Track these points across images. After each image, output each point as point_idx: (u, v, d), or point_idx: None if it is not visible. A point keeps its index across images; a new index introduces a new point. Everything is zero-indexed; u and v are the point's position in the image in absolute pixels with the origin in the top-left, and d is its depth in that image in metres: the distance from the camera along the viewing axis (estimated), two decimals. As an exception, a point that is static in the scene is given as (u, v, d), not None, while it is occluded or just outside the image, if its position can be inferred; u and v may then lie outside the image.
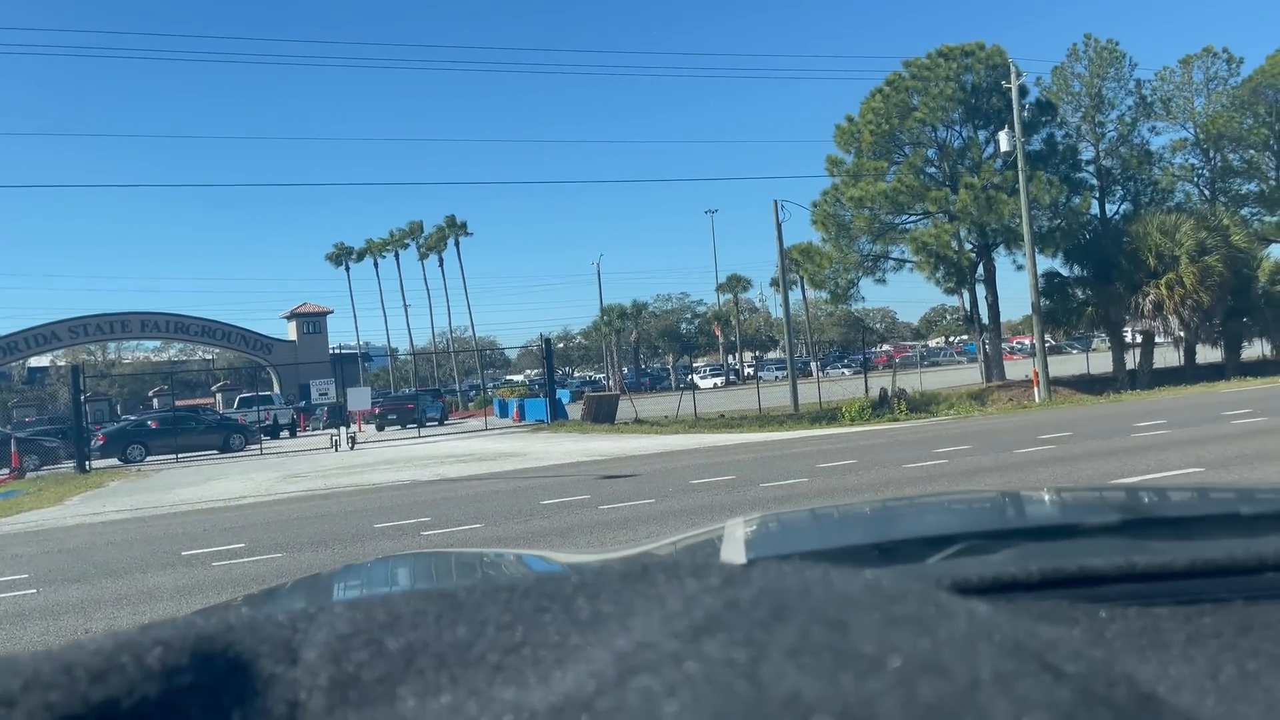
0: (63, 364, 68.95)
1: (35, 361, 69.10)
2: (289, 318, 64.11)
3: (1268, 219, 38.62)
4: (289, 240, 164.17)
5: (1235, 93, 36.42)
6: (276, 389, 54.02)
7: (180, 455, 29.65)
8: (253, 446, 31.58)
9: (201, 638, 0.45)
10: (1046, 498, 1.74)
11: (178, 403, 44.18)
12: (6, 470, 26.68)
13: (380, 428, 38.59)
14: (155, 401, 60.03)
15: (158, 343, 71.08)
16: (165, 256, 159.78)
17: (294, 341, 61.45)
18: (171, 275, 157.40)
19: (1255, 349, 34.26)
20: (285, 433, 41.20)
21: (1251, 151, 37.14)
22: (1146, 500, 1.67)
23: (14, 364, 64.55)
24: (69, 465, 28.28)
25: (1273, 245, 37.88)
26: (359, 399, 33.19)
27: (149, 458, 29.87)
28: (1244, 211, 37.49)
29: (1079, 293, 33.39)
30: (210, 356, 74.20)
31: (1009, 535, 1.15)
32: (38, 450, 30.26)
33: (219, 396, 58.02)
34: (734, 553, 1.25)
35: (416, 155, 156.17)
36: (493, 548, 8.59)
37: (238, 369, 61.68)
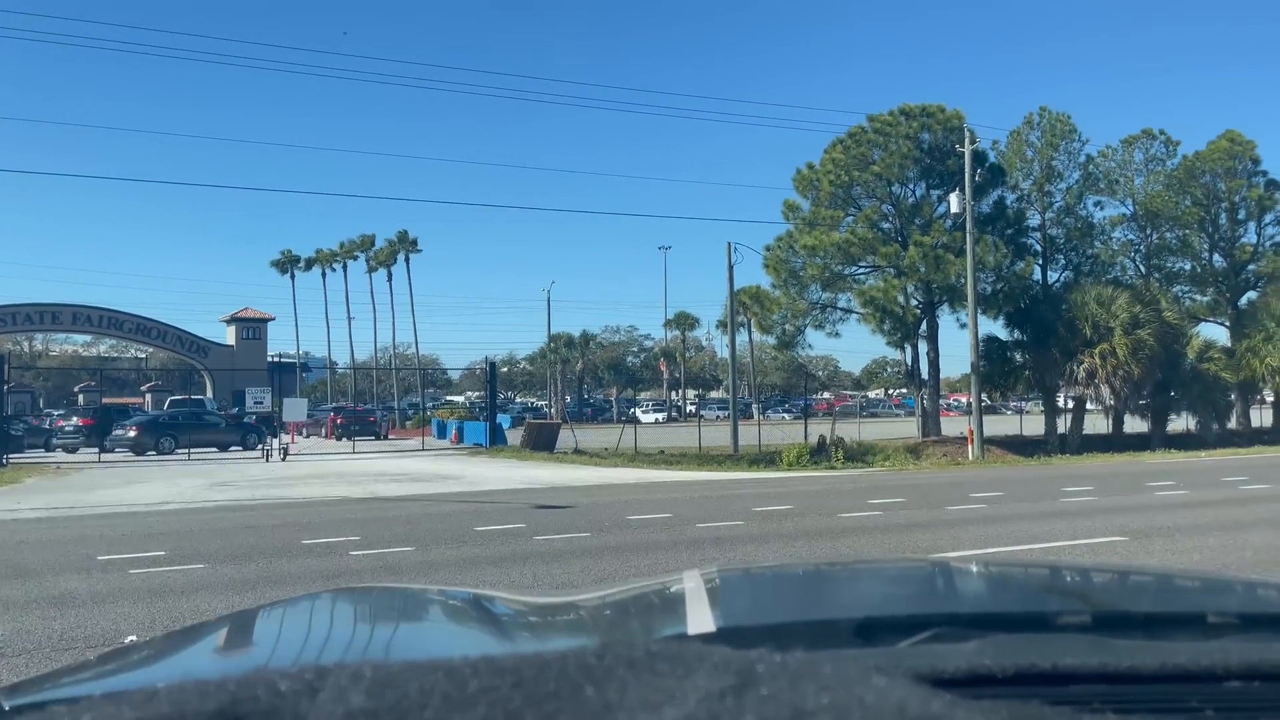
0: (-13, 352, 66.58)
1: (-43, 347, 66.65)
2: (229, 322, 62.81)
3: (1198, 298, 40.10)
4: (234, 244, 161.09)
5: (1172, 174, 37.87)
6: (209, 393, 52.79)
7: (194, 451, 30.76)
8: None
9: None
10: (1015, 576, 1.75)
11: (104, 400, 42.85)
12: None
13: (339, 438, 38.25)
14: (81, 398, 58.14)
15: (88, 337, 69.04)
16: (102, 249, 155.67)
17: (232, 346, 60.18)
18: (107, 269, 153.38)
19: (1180, 423, 35.35)
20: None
21: (1186, 231, 38.59)
22: (1114, 590, 1.69)
23: (-66, 348, 62.16)
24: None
25: (1202, 324, 39.32)
26: (294, 410, 32.58)
27: (177, 450, 31.42)
28: (1176, 289, 38.91)
29: (1017, 356, 34.22)
30: (143, 355, 72.30)
31: (980, 622, 1.15)
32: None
33: (149, 397, 56.42)
34: (701, 618, 1.23)
35: (372, 169, 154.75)
36: (436, 584, 8.45)
37: (170, 370, 60.16)
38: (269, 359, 61.46)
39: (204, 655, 1.50)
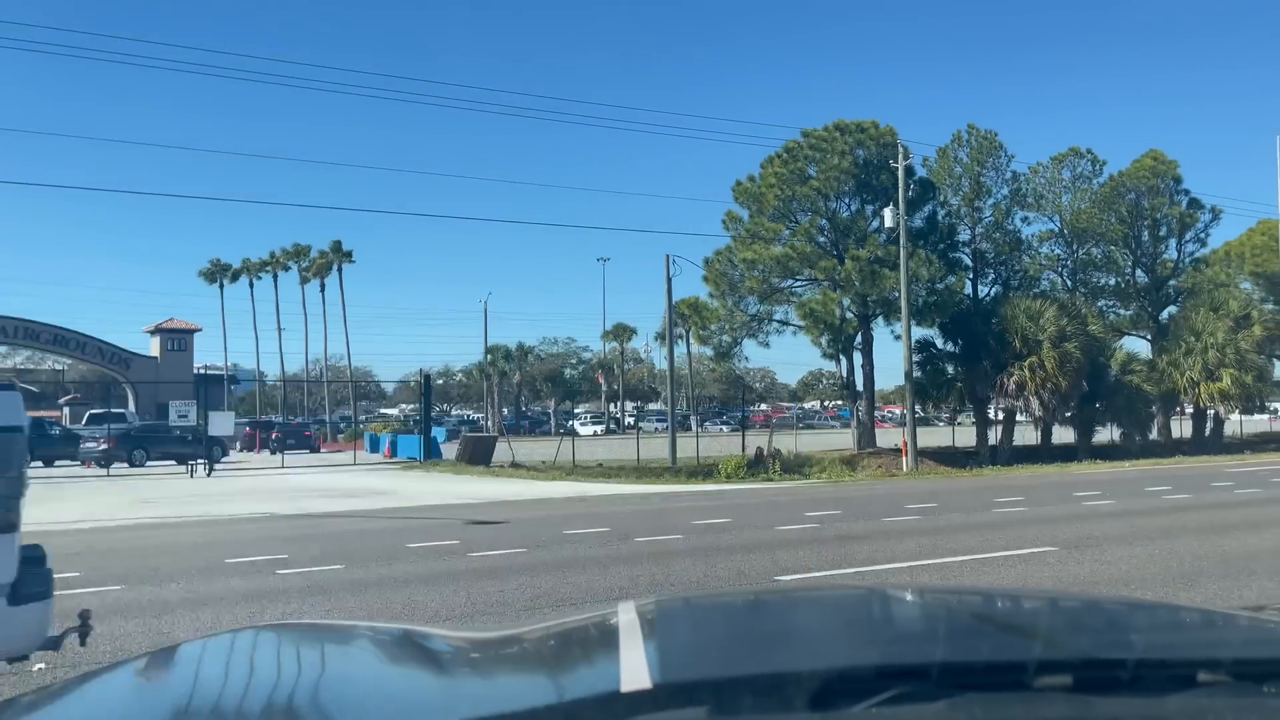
0: (-107, 362, 63.74)
1: None
2: (152, 332, 60.97)
3: (1122, 312, 41.32)
4: (159, 252, 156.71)
5: (1099, 192, 39.01)
6: (131, 407, 51.15)
7: (157, 463, 31.75)
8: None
9: None
10: (978, 610, 1.66)
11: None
12: None
13: (274, 451, 37.42)
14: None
15: (2, 348, 66.46)
16: (16, 257, 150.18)
17: (156, 358, 58.41)
18: (22, 277, 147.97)
19: (1105, 434, 36.33)
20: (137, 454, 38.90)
21: (1111, 247, 39.76)
22: (1091, 630, 1.60)
23: None
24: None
25: (1126, 337, 40.53)
26: (221, 423, 31.69)
27: (149, 462, 32.24)
28: (1101, 303, 40.01)
29: (950, 368, 34.83)
30: (61, 367, 69.82)
31: (947, 674, 1.06)
32: None
33: (66, 410, 54.46)
34: (636, 669, 1.12)
35: (305, 178, 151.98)
36: (365, 606, 8.17)
37: (90, 382, 58.19)
38: (195, 371, 59.81)
39: (109, 706, 1.40)
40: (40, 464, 30.22)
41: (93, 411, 44.87)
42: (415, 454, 33.71)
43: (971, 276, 36.29)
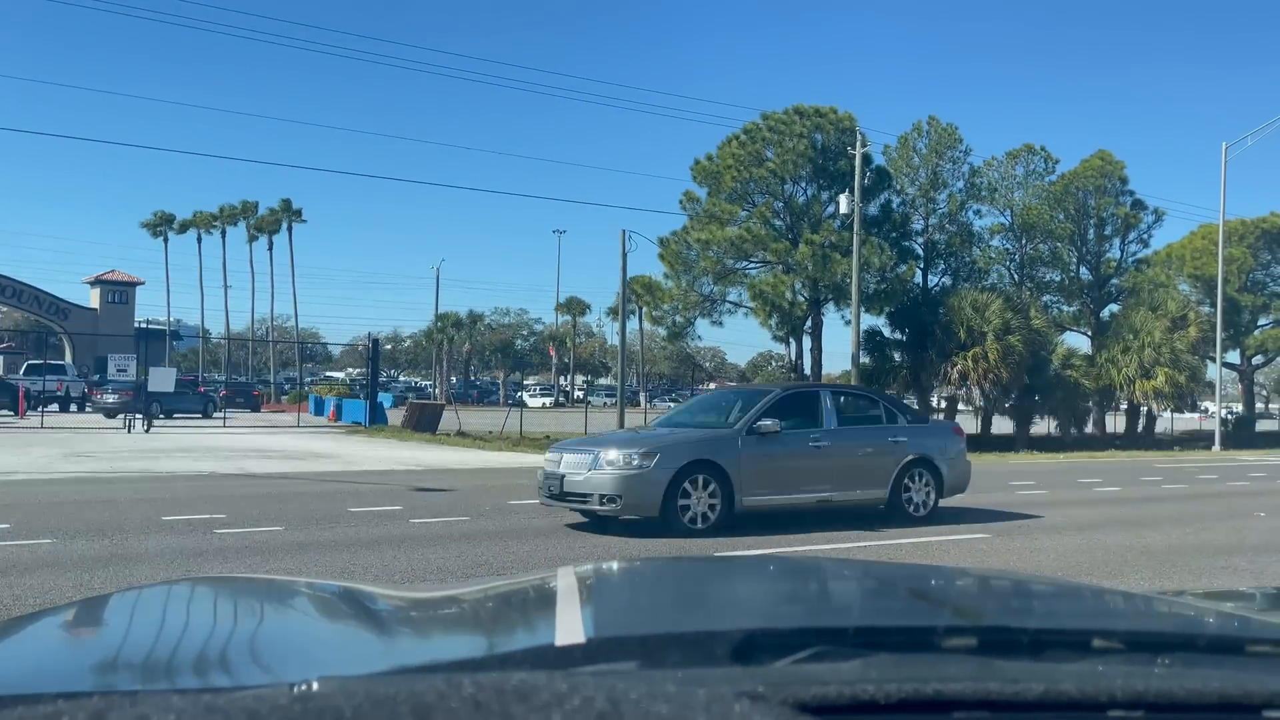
0: None
1: None
2: (93, 284, 59.47)
3: (1065, 308, 42.26)
4: (102, 202, 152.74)
5: (1050, 189, 39.73)
6: (69, 358, 49.91)
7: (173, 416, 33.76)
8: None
9: None
10: (898, 583, 1.72)
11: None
12: None
13: (206, 414, 37.01)
14: None
15: (-66, 292, 64.30)
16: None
17: (95, 310, 57.04)
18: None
19: (1042, 425, 37.21)
20: (73, 406, 38.07)
21: (1058, 244, 40.57)
22: (1000, 603, 1.68)
23: None
24: None
25: (1067, 332, 41.48)
26: (162, 379, 31.09)
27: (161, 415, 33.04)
28: (1046, 298, 40.87)
29: (896, 355, 35.36)
30: (-4, 314, 67.77)
31: (862, 637, 1.12)
32: None
33: (0, 359, 52.94)
34: (570, 626, 1.15)
35: (255, 133, 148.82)
36: (305, 566, 8.12)
37: (25, 332, 56.61)
38: (136, 325, 58.47)
39: (37, 652, 1.37)
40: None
41: (31, 362, 43.64)
42: (360, 419, 33.40)
43: (922, 266, 36.81)
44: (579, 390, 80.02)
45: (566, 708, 0.51)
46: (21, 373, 40.85)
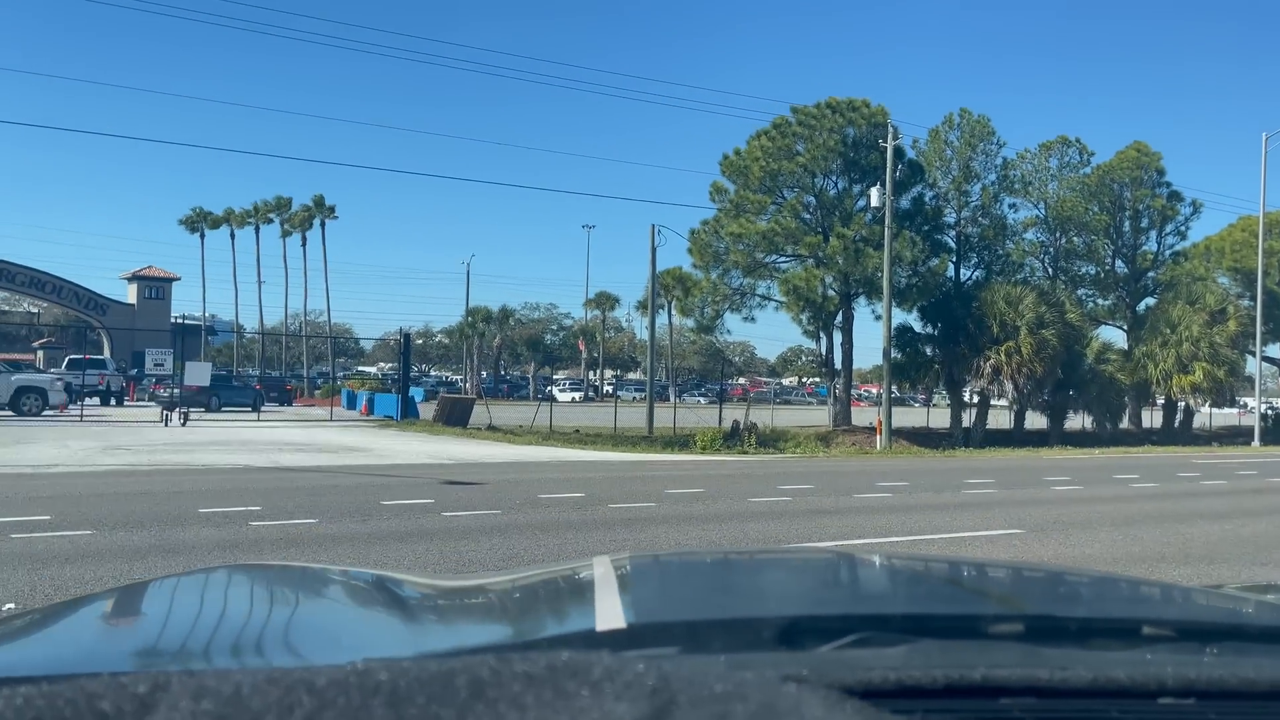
0: None
1: None
2: (130, 279, 60.36)
3: (1100, 301, 41.69)
4: (140, 199, 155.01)
5: (1084, 181, 39.19)
6: (107, 353, 50.67)
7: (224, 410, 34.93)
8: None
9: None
10: (940, 574, 1.71)
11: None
12: None
13: (256, 407, 37.50)
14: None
15: (-22, 288, 65.55)
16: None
17: (133, 305, 57.89)
18: None
19: (1077, 421, 36.76)
20: (113, 400, 38.68)
21: (1093, 237, 40.02)
22: (1044, 593, 1.66)
23: None
24: None
25: (1102, 326, 40.90)
26: (198, 374, 31.51)
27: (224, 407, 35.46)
28: (1080, 292, 40.36)
29: (928, 349, 35.06)
30: (36, 310, 68.96)
31: (906, 624, 1.11)
32: None
33: (41, 354, 53.91)
34: (610, 611, 1.15)
35: (290, 130, 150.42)
36: (339, 559, 8.19)
37: (65, 327, 57.57)
38: (173, 320, 59.28)
39: (81, 636, 1.39)
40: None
41: (72, 357, 44.37)
42: (392, 413, 33.65)
43: (955, 260, 36.47)
44: (608, 385, 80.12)
45: (618, 683, 0.50)
46: (64, 367, 41.55)
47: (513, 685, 0.49)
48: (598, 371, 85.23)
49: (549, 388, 66.72)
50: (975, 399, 35.08)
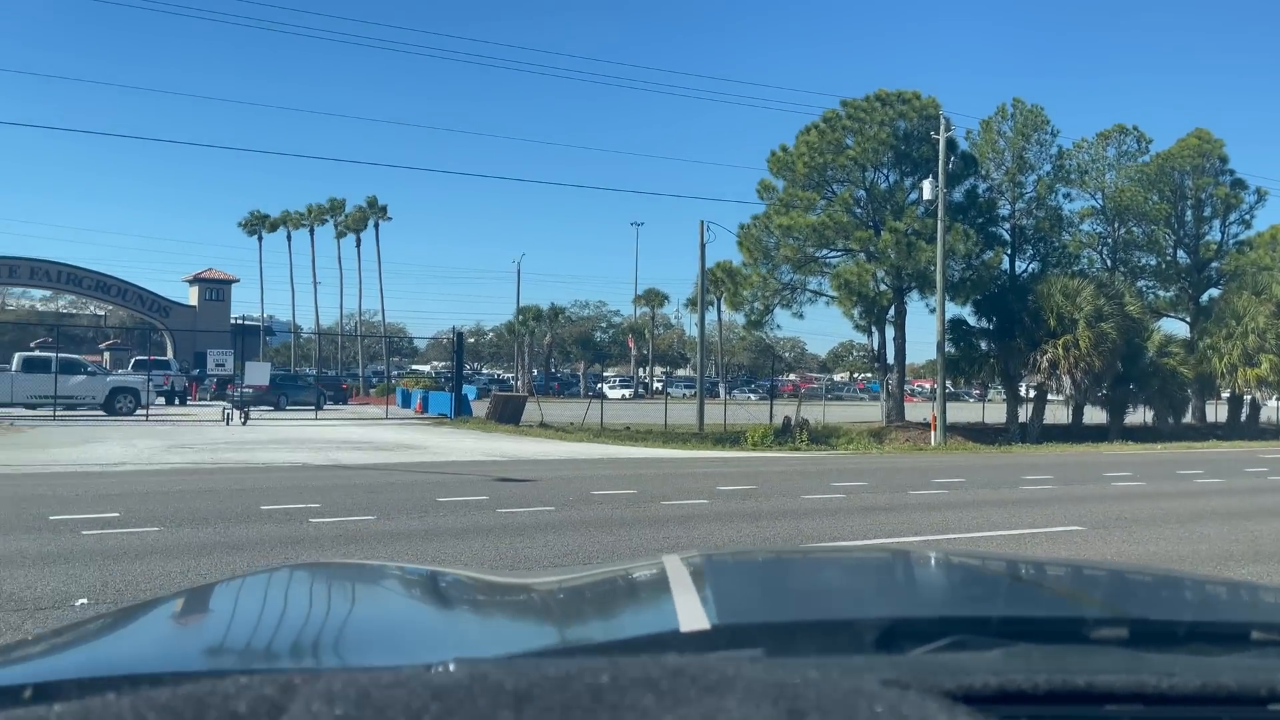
0: (-61, 304, 64.99)
1: (-91, 298, 65.03)
2: (191, 282, 61.82)
3: (1161, 293, 40.65)
4: (200, 203, 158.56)
5: (1143, 169, 38.25)
6: (170, 354, 51.94)
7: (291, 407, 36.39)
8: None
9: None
10: (1028, 574, 1.67)
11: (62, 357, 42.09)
12: None
13: (319, 406, 38.45)
14: (38, 353, 56.81)
15: (46, 292, 67.60)
16: (62, 204, 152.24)
17: (194, 307, 59.28)
18: (67, 224, 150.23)
19: (1137, 415, 35.91)
20: (176, 400, 39.70)
21: (1153, 227, 39.04)
22: (1142, 594, 1.62)
23: (-115, 298, 60.55)
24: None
25: (1164, 319, 39.88)
26: (257, 373, 32.16)
27: (289, 405, 36.87)
28: (1140, 283, 39.39)
29: (983, 343, 34.50)
30: (102, 313, 70.92)
31: (1004, 627, 1.08)
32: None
33: (107, 355, 55.39)
34: (691, 612, 1.15)
35: (343, 133, 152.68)
36: (399, 556, 8.31)
37: (130, 329, 59.06)
38: (232, 321, 60.61)
39: (163, 640, 1.41)
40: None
41: (138, 358, 45.59)
42: (446, 410, 34.03)
43: (1009, 252, 35.83)
44: (658, 382, 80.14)
45: (740, 689, 0.49)
46: (130, 368, 42.69)
47: (635, 691, 0.48)
48: (647, 368, 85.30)
49: (599, 385, 66.90)
50: (1031, 394, 34.44)
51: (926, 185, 30.07)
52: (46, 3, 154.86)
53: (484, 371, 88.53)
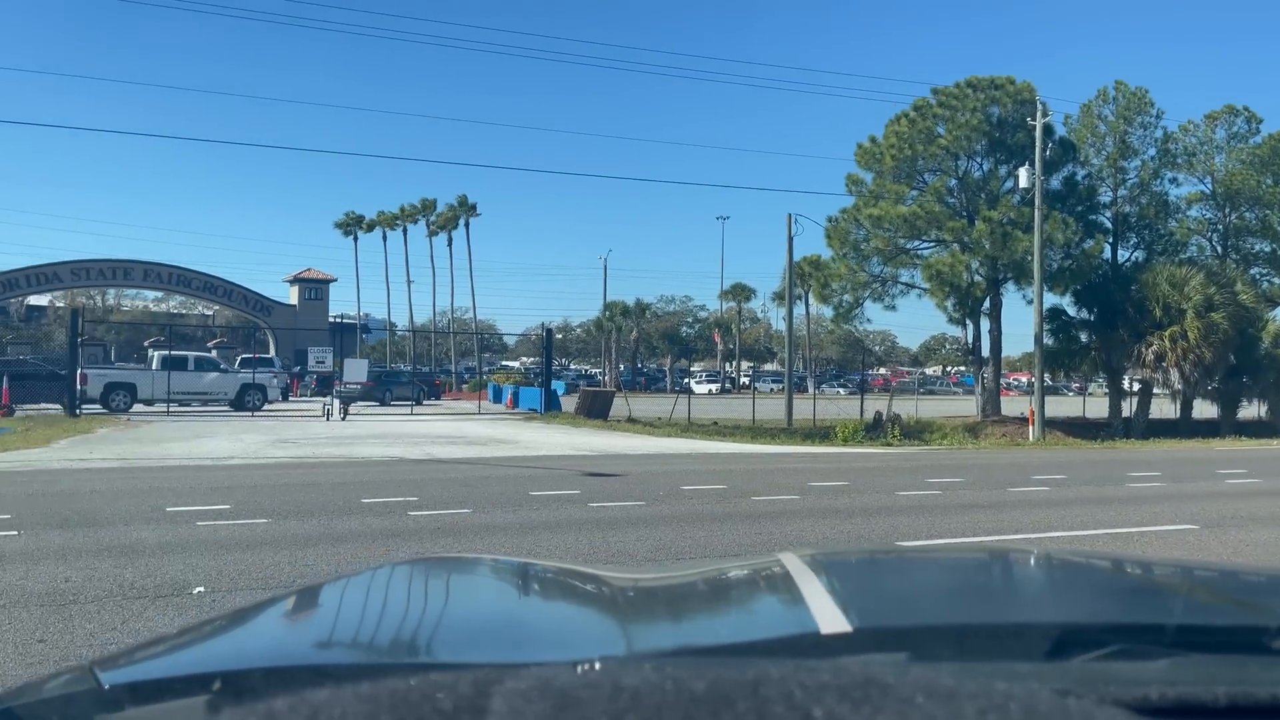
0: (61, 305, 68.64)
1: (34, 300, 68.85)
2: (291, 282, 63.93)
3: (1277, 280, 38.67)
4: (298, 205, 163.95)
5: (1255, 151, 36.43)
6: (272, 351, 53.85)
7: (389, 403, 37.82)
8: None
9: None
10: (1175, 578, 1.59)
11: (197, 356, 44.28)
12: (-5, 407, 26.57)
13: (418, 401, 39.79)
14: (151, 352, 59.61)
15: (158, 293, 70.79)
16: (171, 208, 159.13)
17: (294, 306, 61.28)
18: (176, 227, 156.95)
19: (1251, 409, 34.25)
20: (279, 396, 41.22)
21: (1267, 211, 37.16)
22: None
23: (13, 301, 64.27)
24: (57, 407, 28.12)
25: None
26: (355, 370, 33.11)
27: (392, 401, 38.22)
28: (1254, 271, 37.54)
29: (1083, 335, 33.38)
30: (209, 312, 73.95)
31: (1182, 635, 1.02)
32: (28, 389, 30.10)
33: (215, 353, 57.81)
34: (827, 613, 1.13)
35: (434, 133, 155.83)
36: (498, 549, 8.46)
37: (235, 327, 61.39)
38: (330, 319, 62.53)
39: (317, 633, 1.42)
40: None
41: (244, 356, 47.43)
42: (536, 406, 34.49)
43: (1111, 240, 34.57)
44: (744, 376, 79.74)
45: (935, 699, 0.48)
46: (236, 365, 44.43)
47: (824, 697, 0.48)
48: (733, 363, 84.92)
49: (686, 380, 66.89)
50: (1136, 387, 33.17)
51: (1023, 173, 29.21)
52: (152, 16, 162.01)
53: (572, 367, 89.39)
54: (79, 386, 29.53)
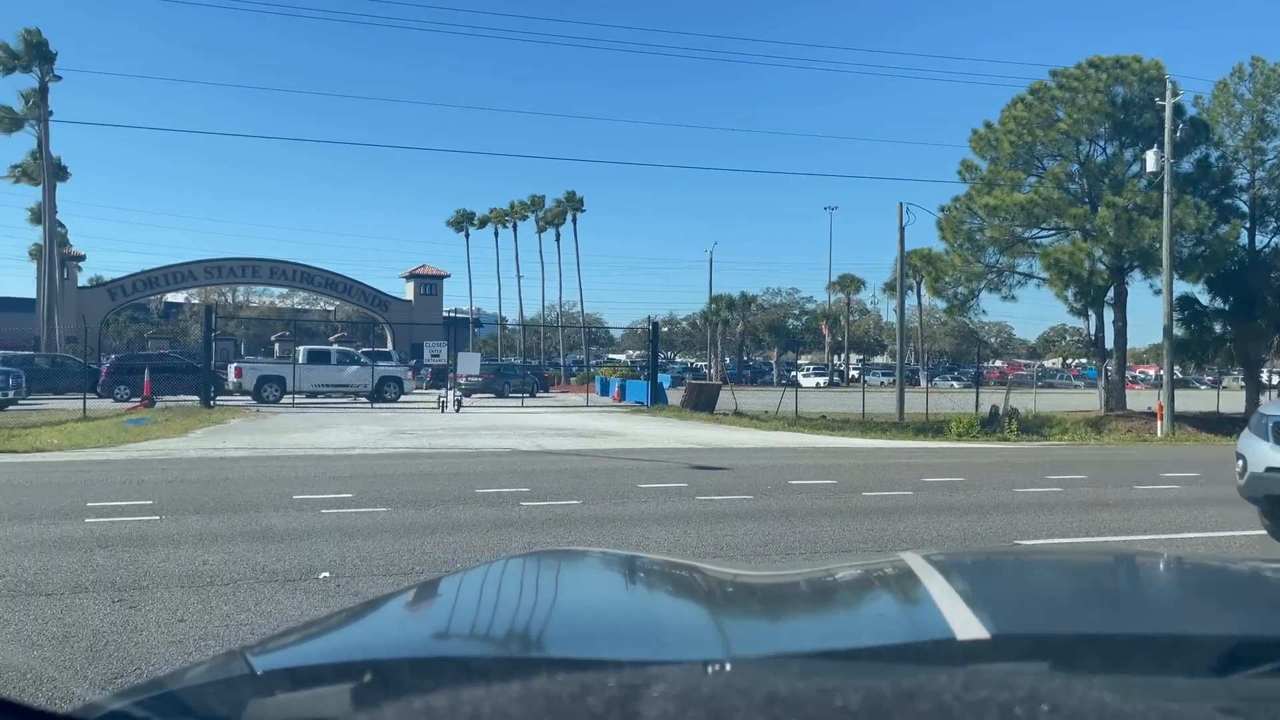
0: (195, 302, 72.52)
1: (171, 297, 72.94)
2: (407, 278, 65.93)
3: None
4: (414, 203, 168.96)
5: None
6: (390, 345, 55.66)
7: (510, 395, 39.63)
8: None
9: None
10: None
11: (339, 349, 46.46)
12: (138, 398, 28.27)
13: (532, 393, 41.52)
14: (277, 346, 62.50)
15: (284, 290, 73.99)
16: (294, 208, 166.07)
17: (410, 301, 63.18)
18: (299, 226, 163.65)
19: None
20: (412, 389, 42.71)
21: None
22: None
23: (152, 298, 68.24)
24: (193, 398, 29.72)
25: None
26: (469, 363, 33.95)
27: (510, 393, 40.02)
28: None
29: (1216, 326, 31.65)
30: (330, 308, 76.92)
31: None
32: (167, 381, 31.88)
33: (336, 347, 60.23)
34: (961, 618, 1.10)
35: (542, 130, 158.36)
36: (609, 540, 8.55)
37: (354, 322, 63.63)
38: (444, 314, 64.27)
39: (451, 625, 1.43)
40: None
41: (364, 350, 49.16)
42: (642, 398, 34.71)
43: (1248, 225, 32.58)
44: (853, 369, 78.41)
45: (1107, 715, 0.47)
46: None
47: (985, 713, 0.47)
48: (842, 356, 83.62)
49: (793, 373, 66.18)
50: (1275, 380, 31.27)
51: (1150, 156, 27.82)
52: (272, 25, 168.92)
53: (677, 360, 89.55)
54: (234, 379, 31.53)
